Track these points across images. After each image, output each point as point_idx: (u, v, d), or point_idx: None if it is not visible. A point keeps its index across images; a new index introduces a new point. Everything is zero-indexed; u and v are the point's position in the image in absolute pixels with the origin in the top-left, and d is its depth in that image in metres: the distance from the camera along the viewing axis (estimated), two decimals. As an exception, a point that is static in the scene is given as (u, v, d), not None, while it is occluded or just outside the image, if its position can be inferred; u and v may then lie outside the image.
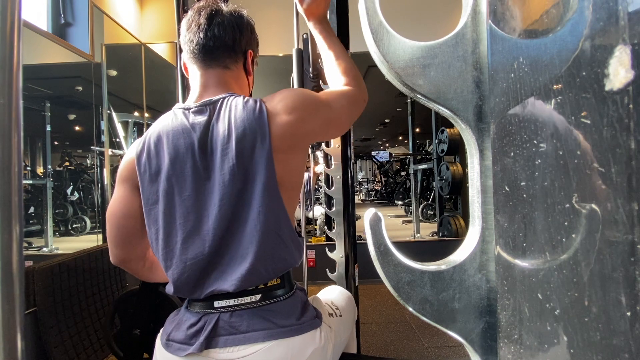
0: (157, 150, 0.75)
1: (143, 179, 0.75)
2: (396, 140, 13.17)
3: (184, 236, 0.72)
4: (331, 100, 0.78)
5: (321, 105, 0.77)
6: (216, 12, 0.79)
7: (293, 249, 0.75)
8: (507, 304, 0.36)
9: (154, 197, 0.74)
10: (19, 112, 0.25)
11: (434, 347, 2.12)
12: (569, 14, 0.26)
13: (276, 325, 0.70)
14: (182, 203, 0.72)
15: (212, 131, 0.73)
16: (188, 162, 0.72)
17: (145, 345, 1.44)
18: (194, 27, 0.79)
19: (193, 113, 0.76)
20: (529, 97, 0.31)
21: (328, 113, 0.78)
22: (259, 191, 0.69)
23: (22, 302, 0.25)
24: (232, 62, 0.82)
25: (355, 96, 0.82)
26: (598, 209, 0.24)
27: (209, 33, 0.78)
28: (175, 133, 0.74)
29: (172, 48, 3.62)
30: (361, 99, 0.83)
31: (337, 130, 0.85)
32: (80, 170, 5.36)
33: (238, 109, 0.72)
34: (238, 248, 0.71)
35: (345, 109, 0.80)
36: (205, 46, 0.78)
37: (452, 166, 4.26)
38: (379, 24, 0.41)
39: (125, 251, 0.82)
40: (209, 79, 0.80)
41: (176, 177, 0.73)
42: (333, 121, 0.79)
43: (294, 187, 0.77)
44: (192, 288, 0.72)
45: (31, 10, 2.36)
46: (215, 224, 0.70)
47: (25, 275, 1.66)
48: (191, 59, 0.81)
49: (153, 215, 0.75)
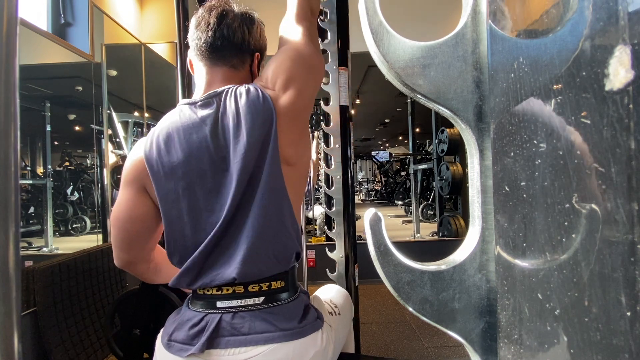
0: (167, 147, 0.74)
1: (157, 177, 0.74)
2: (396, 140, 13.17)
3: (210, 227, 0.72)
4: (306, 53, 0.79)
5: (306, 64, 0.78)
6: (227, 12, 0.80)
7: (294, 236, 0.75)
8: (507, 304, 0.36)
9: (173, 195, 0.73)
10: (16, 112, 0.25)
11: (434, 347, 2.12)
12: (569, 14, 0.26)
13: (278, 329, 0.70)
14: (205, 196, 0.73)
15: (221, 122, 0.73)
16: (205, 156, 0.72)
17: (145, 345, 1.44)
18: (203, 25, 0.79)
19: (200, 107, 0.76)
20: (529, 97, 0.31)
21: (312, 68, 0.80)
22: (265, 176, 0.71)
23: (19, 303, 0.25)
24: (239, 63, 0.82)
25: (310, 27, 0.83)
26: (598, 209, 0.24)
27: (218, 32, 0.78)
28: (186, 129, 0.74)
29: (172, 48, 3.62)
30: (313, 20, 0.86)
31: (320, 74, 0.86)
32: (80, 170, 5.35)
33: (243, 98, 0.73)
34: (241, 232, 0.71)
35: (315, 52, 0.81)
36: (213, 45, 0.79)
37: (452, 166, 4.26)
38: (379, 24, 0.41)
39: (131, 254, 0.82)
40: (215, 76, 0.81)
41: (195, 172, 0.73)
42: (317, 71, 0.82)
43: (302, 165, 0.78)
44: (196, 275, 0.72)
45: (31, 10, 2.36)
46: (227, 211, 0.71)
47: (25, 275, 1.66)
48: (198, 57, 0.81)
49: (175, 213, 0.73)
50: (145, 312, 1.46)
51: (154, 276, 0.89)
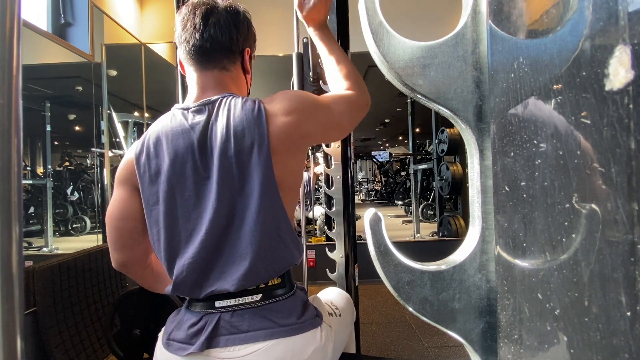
0: (156, 151, 0.75)
1: (143, 180, 0.75)
2: (396, 140, 13.17)
3: (186, 235, 0.72)
4: (331, 103, 0.78)
5: (320, 108, 0.77)
6: (212, 11, 0.77)
7: (293, 248, 0.75)
8: (507, 304, 0.36)
9: (154, 198, 0.74)
10: (18, 113, 0.25)
11: (434, 347, 2.12)
12: (569, 14, 0.26)
13: (277, 325, 0.70)
14: (184, 203, 0.72)
15: (211, 131, 0.72)
16: (188, 162, 0.72)
17: (145, 345, 1.44)
18: (190, 28, 0.77)
19: (192, 113, 0.75)
20: (529, 97, 0.31)
21: (327, 116, 0.77)
22: (257, 191, 0.69)
23: (21, 302, 0.25)
24: (230, 63, 0.81)
25: (357, 100, 0.81)
26: (598, 209, 0.24)
27: (205, 34, 0.76)
28: (175, 133, 0.74)
29: (172, 48, 3.62)
30: (363, 103, 0.82)
31: (337, 133, 0.84)
32: (80, 170, 5.35)
33: (237, 109, 0.72)
34: (237, 248, 0.71)
35: (346, 113, 0.79)
36: (202, 47, 0.77)
37: (452, 166, 4.26)
38: (379, 24, 0.41)
39: (125, 255, 0.82)
40: (207, 81, 0.79)
41: (177, 177, 0.72)
42: (333, 124, 0.79)
43: (292, 187, 0.77)
44: (191, 287, 0.72)
45: (31, 10, 2.36)
46: (212, 223, 0.70)
47: (25, 275, 1.66)
48: (187, 60, 0.80)
49: (154, 216, 0.74)
50: (145, 312, 1.46)
51: (154, 283, 0.89)
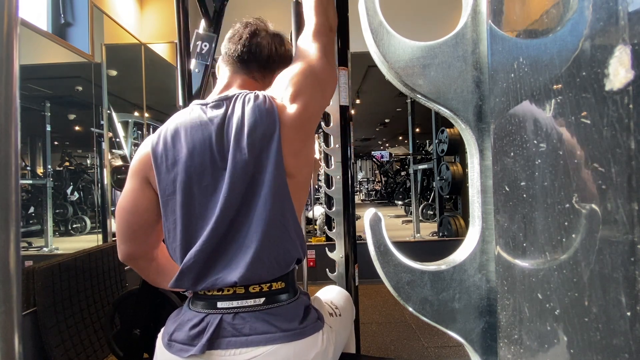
0: (174, 142, 0.77)
1: (160, 169, 0.77)
2: (396, 140, 13.17)
3: (202, 224, 0.74)
4: (318, 68, 0.81)
5: (316, 79, 0.81)
6: (259, 31, 0.87)
7: (297, 243, 0.76)
8: (507, 304, 0.36)
9: (170, 188, 0.76)
10: (16, 112, 0.25)
11: (434, 347, 2.12)
12: (569, 14, 0.26)
13: (279, 329, 0.70)
14: (201, 192, 0.74)
15: (228, 124, 0.76)
16: (207, 153, 0.75)
17: (145, 345, 1.44)
18: (236, 38, 0.86)
19: (210, 108, 0.79)
20: (529, 97, 0.31)
21: (322, 84, 0.82)
22: (268, 181, 0.72)
23: (19, 303, 0.25)
24: (260, 76, 0.88)
25: (326, 41, 0.85)
26: (598, 209, 0.23)
27: (247, 47, 0.85)
28: (194, 126, 0.77)
29: (172, 48, 3.62)
30: (331, 37, 0.88)
31: (331, 84, 0.88)
32: (80, 170, 5.35)
33: (250, 102, 0.76)
34: (245, 236, 0.72)
35: (326, 64, 0.83)
36: (241, 56, 0.86)
37: (452, 166, 4.26)
38: (379, 24, 0.41)
39: (133, 247, 0.83)
40: (234, 81, 0.86)
41: (195, 168, 0.74)
42: (327, 82, 0.84)
43: (302, 177, 0.79)
44: (196, 276, 0.72)
45: (31, 10, 2.36)
46: (222, 212, 0.72)
47: (26, 275, 1.66)
48: (225, 62, 0.88)
49: (171, 205, 0.76)
50: (145, 312, 1.46)
51: (157, 277, 0.89)
